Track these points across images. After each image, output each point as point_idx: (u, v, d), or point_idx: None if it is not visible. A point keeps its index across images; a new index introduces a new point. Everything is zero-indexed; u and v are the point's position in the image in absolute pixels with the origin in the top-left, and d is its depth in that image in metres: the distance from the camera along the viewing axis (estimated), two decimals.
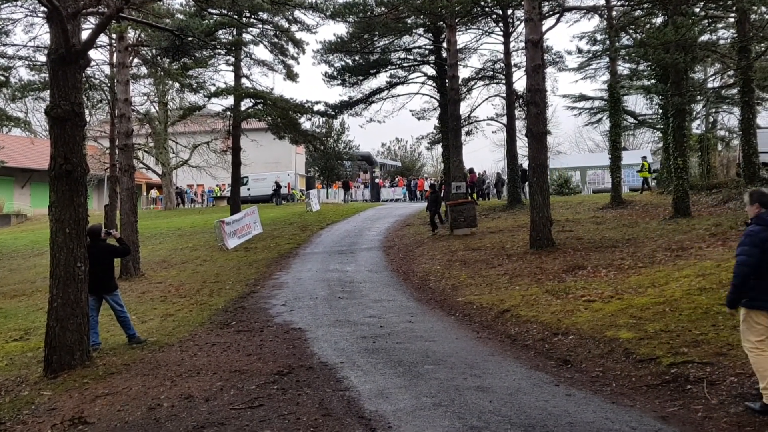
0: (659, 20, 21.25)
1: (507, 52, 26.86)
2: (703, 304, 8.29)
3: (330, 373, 7.50)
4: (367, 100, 29.31)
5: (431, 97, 29.77)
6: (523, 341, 8.87)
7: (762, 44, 22.48)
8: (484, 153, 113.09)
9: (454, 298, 12.37)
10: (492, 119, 30.25)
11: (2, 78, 21.19)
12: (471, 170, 32.03)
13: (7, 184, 42.14)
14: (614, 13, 23.76)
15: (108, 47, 23.60)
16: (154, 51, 22.13)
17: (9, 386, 7.88)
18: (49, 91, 8.86)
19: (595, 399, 6.15)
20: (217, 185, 49.54)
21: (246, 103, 28.15)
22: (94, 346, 9.24)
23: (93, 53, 42.17)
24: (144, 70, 27.80)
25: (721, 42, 23.71)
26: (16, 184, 43.27)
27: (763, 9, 19.96)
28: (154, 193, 51.25)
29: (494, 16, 26.24)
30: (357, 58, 27.86)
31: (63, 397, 7.21)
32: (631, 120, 36.99)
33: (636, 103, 46.19)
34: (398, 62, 28.52)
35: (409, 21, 24.28)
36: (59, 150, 8.47)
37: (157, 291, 15.35)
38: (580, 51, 24.08)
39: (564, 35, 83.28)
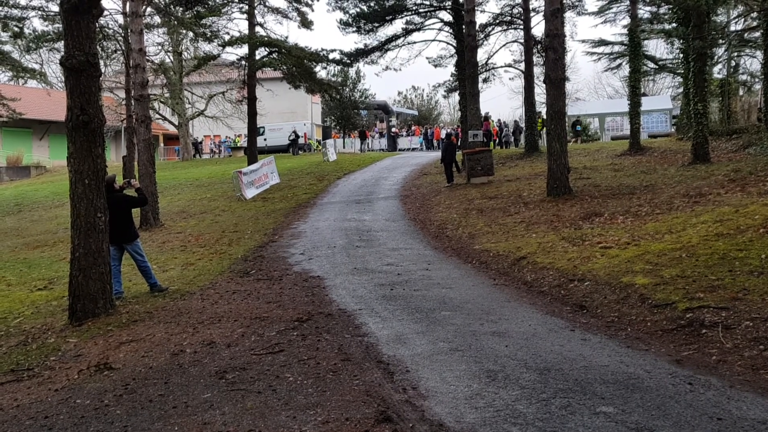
0: None
1: None
2: (720, 250, 8.25)
3: (348, 319, 7.61)
4: (383, 47, 28.93)
5: (448, 43, 29.35)
6: (539, 287, 8.91)
7: None
8: (501, 100, 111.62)
9: (470, 246, 12.40)
10: (510, 66, 29.90)
11: (17, 29, 21.12)
12: (486, 117, 31.70)
13: (26, 136, 42.40)
14: None
15: None
16: None
17: (36, 334, 8.09)
18: (63, 41, 8.82)
19: (610, 343, 6.20)
20: (237, 135, 49.36)
21: (261, 52, 27.84)
22: (117, 295, 9.42)
23: (106, 2, 41.73)
24: (157, 19, 27.50)
25: None
26: (34, 136, 43.52)
27: None
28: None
29: None
30: (372, 4, 27.43)
31: (88, 344, 7.38)
32: (652, 65, 36.35)
33: (657, 47, 45.34)
34: (414, 8, 28.02)
35: None
36: (75, 101, 8.49)
37: (176, 241, 15.54)
38: None
39: None
